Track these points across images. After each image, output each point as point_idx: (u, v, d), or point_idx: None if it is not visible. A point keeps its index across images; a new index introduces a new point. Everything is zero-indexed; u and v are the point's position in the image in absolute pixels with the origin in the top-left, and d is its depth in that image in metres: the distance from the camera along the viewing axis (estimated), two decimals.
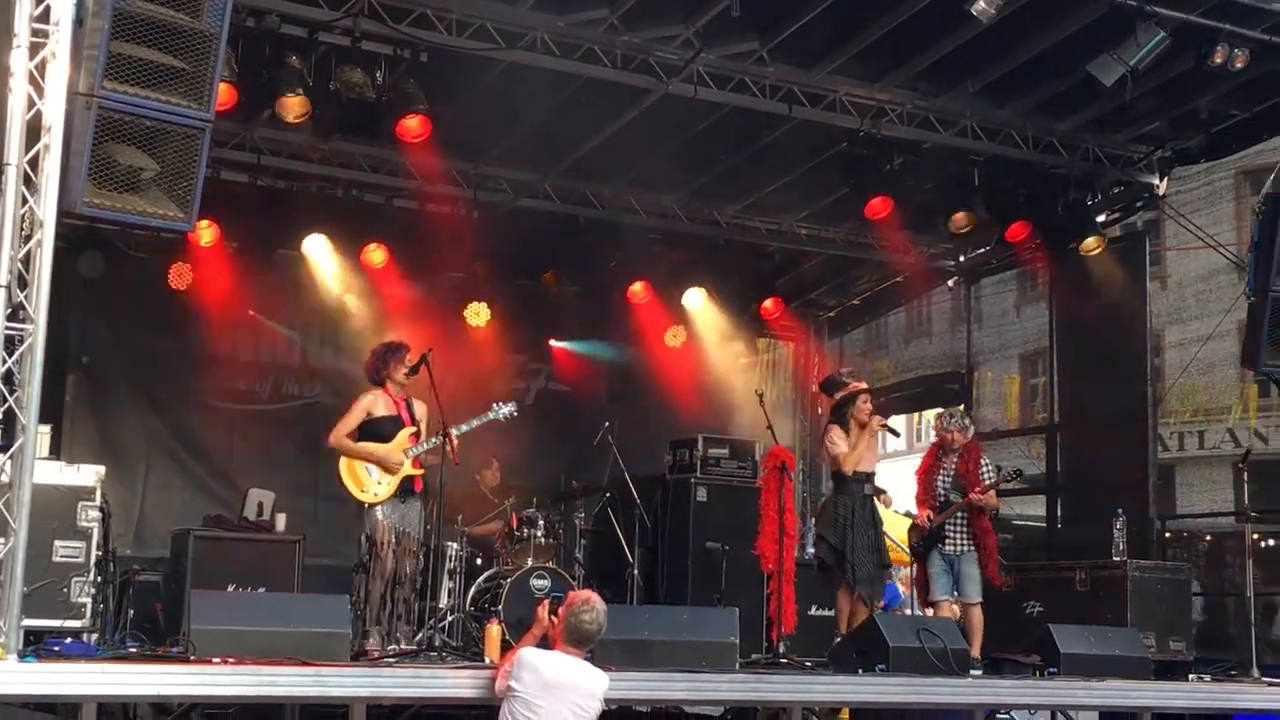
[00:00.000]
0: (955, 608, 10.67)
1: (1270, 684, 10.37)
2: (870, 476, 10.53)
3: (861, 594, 10.28)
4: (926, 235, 14.90)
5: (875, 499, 10.68)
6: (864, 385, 10.70)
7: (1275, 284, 10.37)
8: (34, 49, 6.97)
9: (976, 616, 10.49)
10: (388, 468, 9.34)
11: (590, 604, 7.14)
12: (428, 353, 9.62)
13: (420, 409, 9.66)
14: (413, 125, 11.08)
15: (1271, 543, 15.78)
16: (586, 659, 7.31)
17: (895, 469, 17.18)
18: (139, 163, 7.26)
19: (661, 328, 15.61)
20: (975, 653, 10.06)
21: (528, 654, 7.07)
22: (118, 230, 12.24)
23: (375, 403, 9.55)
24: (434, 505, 9.76)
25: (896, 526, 11.84)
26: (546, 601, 7.78)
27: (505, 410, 9.85)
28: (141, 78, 7.14)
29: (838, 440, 10.43)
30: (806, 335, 17.56)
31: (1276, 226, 10.34)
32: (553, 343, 15.64)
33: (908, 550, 11.18)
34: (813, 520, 10.99)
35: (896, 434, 10.76)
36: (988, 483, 10.57)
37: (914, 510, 11.15)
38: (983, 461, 10.75)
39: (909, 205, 13.13)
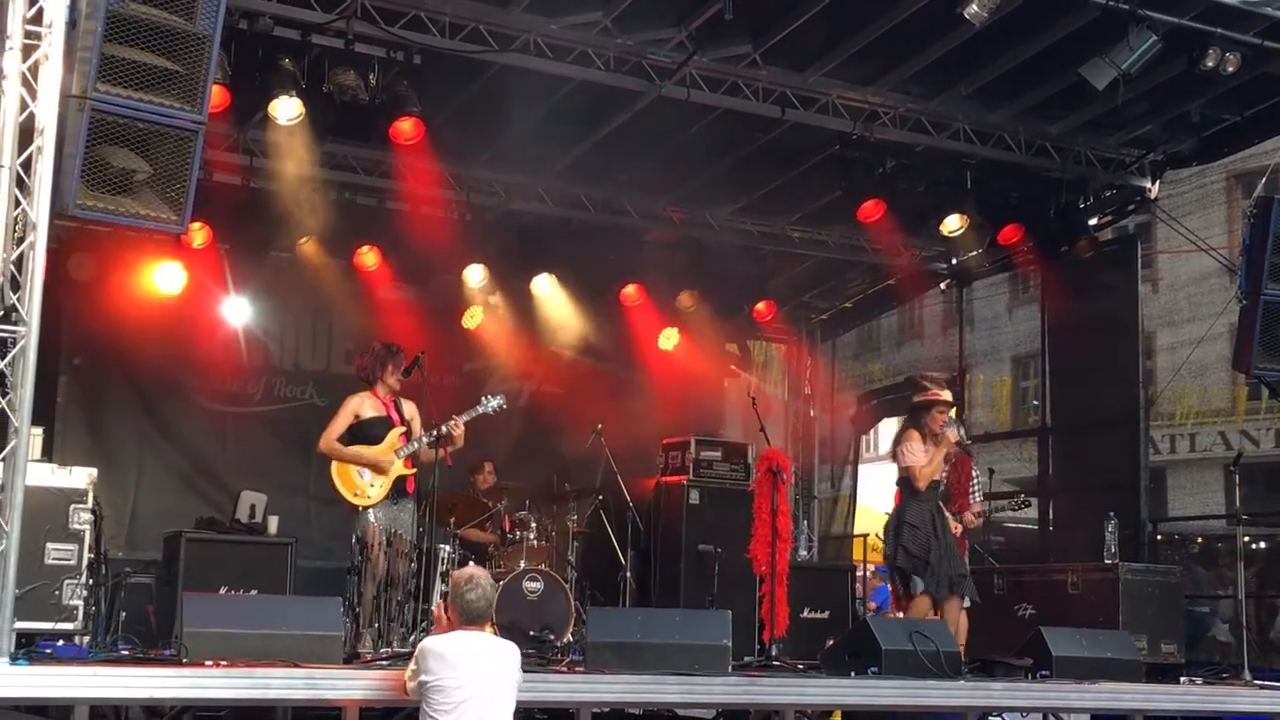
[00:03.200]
0: None
1: (1262, 687, 10.39)
2: (938, 485, 10.30)
3: (957, 593, 10.16)
4: (919, 238, 14.91)
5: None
6: (944, 395, 10.30)
7: (1267, 287, 10.38)
8: (27, 51, 6.97)
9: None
10: (380, 470, 9.33)
11: (473, 580, 6.89)
12: (421, 355, 9.64)
13: (409, 408, 9.66)
14: (406, 128, 11.08)
15: (1263, 545, 15.82)
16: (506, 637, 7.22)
17: (880, 472, 17.19)
18: (132, 165, 7.26)
19: (655, 330, 15.59)
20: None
21: (425, 644, 6.83)
22: (109, 231, 12.21)
23: (363, 404, 9.54)
24: (426, 507, 9.78)
25: (879, 527, 11.84)
26: (442, 601, 7.69)
27: (494, 403, 9.83)
28: (134, 80, 7.14)
29: (916, 451, 10.17)
30: (799, 338, 17.57)
31: (1268, 229, 10.35)
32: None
33: None
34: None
35: (968, 452, 10.36)
36: (976, 498, 10.58)
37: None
38: (974, 474, 10.76)
39: (901, 208, 13.13)
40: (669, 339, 15.70)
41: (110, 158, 7.19)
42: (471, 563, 11.32)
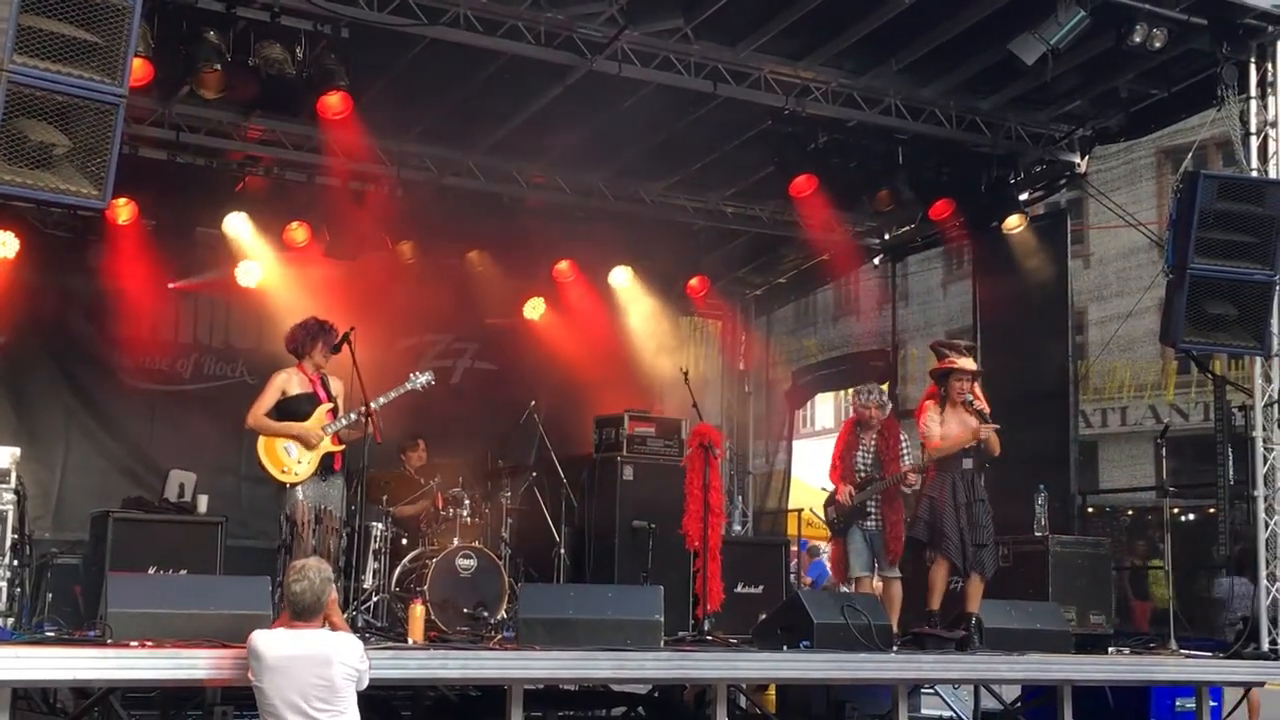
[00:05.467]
0: (877, 583, 10.73)
1: (1188, 656, 10.53)
2: (968, 452, 10.21)
3: (960, 568, 10.12)
4: (852, 213, 14.90)
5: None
6: (962, 364, 10.31)
7: (1193, 261, 10.47)
8: None
9: (897, 591, 10.55)
10: (307, 445, 9.26)
11: (301, 571, 6.64)
12: (350, 331, 9.55)
13: (336, 385, 9.60)
14: (334, 102, 10.94)
15: (1191, 517, 16.01)
16: (353, 631, 7.15)
17: (815, 447, 17.29)
18: (51, 139, 7.17)
19: (588, 306, 15.51)
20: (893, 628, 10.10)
21: (251, 638, 6.63)
22: (33, 208, 12.02)
23: (290, 381, 9.46)
24: (357, 485, 9.71)
25: (814, 502, 11.88)
26: None
27: (422, 380, 9.78)
28: (53, 52, 7.05)
29: (929, 422, 10.26)
30: (734, 313, 17.58)
31: (1194, 204, 10.44)
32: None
33: (826, 525, 11.21)
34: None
35: (993, 427, 10.05)
36: (906, 463, 10.59)
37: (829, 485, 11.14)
38: (902, 438, 10.80)
39: (834, 183, 13.13)
40: (601, 315, 15.62)
41: (28, 131, 7.09)
42: (405, 540, 11.32)
